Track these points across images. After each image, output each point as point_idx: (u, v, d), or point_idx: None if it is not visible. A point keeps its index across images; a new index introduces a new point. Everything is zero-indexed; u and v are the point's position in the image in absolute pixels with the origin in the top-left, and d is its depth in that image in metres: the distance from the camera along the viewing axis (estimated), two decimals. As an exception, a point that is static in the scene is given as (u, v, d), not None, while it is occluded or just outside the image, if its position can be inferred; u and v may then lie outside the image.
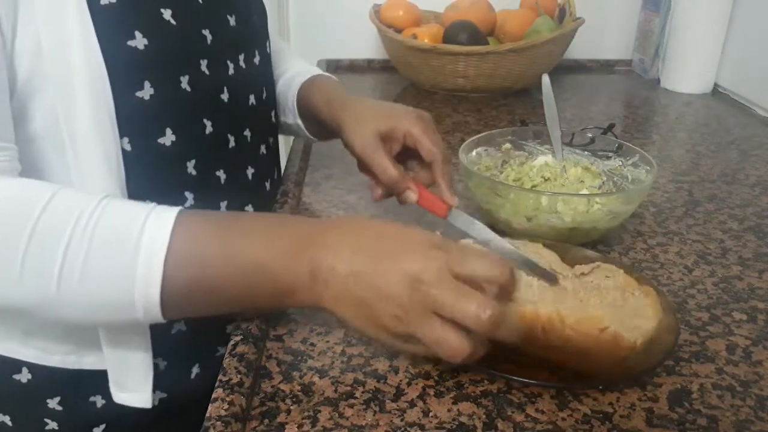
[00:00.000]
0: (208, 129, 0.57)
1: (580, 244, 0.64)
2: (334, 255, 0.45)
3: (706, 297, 0.59)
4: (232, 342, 0.51)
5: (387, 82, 1.33)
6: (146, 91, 0.50)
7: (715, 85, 1.26)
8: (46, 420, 0.58)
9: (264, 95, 0.67)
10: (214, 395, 0.45)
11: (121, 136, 0.50)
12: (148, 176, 0.53)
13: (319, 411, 0.45)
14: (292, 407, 0.46)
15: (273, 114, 0.72)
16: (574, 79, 1.36)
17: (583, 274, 0.54)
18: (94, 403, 0.58)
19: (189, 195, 0.56)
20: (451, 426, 0.44)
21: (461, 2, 1.28)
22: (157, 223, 0.44)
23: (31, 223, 0.42)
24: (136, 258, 0.43)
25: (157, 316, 0.44)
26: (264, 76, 0.68)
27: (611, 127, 0.97)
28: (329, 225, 0.49)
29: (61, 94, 0.47)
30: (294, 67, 0.79)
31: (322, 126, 0.72)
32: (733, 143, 1.00)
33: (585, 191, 0.72)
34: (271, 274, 0.46)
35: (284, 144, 1.22)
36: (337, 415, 0.45)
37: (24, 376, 0.57)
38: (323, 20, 1.39)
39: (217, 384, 0.46)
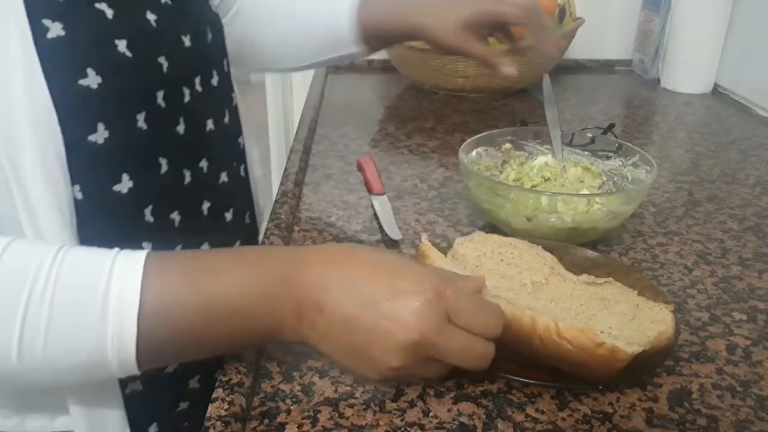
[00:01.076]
0: (164, 168, 0.53)
1: (580, 244, 0.64)
2: (319, 293, 0.42)
3: (706, 297, 0.59)
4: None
5: (387, 82, 1.32)
6: (100, 134, 0.46)
7: (715, 85, 1.26)
8: None
9: (226, 118, 0.63)
10: (214, 395, 0.45)
11: (72, 184, 0.46)
12: (101, 227, 0.48)
13: (319, 411, 0.45)
14: (292, 407, 0.46)
15: (237, 136, 0.66)
16: (574, 79, 1.36)
17: (594, 284, 0.53)
18: None
19: (147, 245, 0.52)
20: (451, 426, 0.44)
21: (461, 2, 1.28)
22: (124, 276, 0.40)
23: None
24: (105, 318, 0.39)
25: (132, 370, 0.41)
26: (224, 98, 0.63)
27: (611, 127, 0.97)
28: (311, 257, 0.44)
29: (3, 139, 0.42)
30: (312, 3, 0.74)
31: (389, 40, 0.71)
32: (733, 143, 1.00)
33: (585, 191, 0.72)
34: (250, 318, 0.43)
35: (281, 149, 1.22)
36: (337, 415, 0.45)
37: None
38: (323, 20, 1.39)
39: (217, 384, 0.46)
